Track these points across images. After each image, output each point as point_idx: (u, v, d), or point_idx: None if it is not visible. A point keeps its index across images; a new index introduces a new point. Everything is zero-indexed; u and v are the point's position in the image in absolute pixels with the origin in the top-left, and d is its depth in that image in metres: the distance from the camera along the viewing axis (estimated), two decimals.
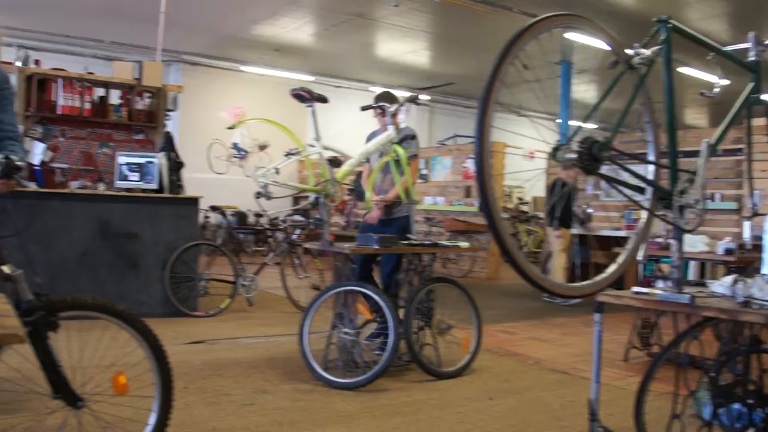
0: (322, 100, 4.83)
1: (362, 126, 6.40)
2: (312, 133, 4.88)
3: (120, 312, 2.84)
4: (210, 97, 15.10)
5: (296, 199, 13.79)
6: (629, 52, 2.45)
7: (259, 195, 4.52)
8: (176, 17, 9.45)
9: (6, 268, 2.67)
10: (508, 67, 2.02)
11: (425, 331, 5.10)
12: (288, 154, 4.69)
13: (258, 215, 13.58)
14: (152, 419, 2.93)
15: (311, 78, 16.71)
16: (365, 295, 4.91)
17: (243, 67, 16.57)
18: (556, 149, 2.18)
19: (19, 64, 7.17)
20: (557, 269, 9.09)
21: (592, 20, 2.34)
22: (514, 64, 2.05)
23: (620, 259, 2.58)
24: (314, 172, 4.86)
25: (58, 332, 2.70)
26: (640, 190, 2.61)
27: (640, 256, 2.68)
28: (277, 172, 4.50)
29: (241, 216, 13.09)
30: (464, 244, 5.56)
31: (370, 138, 5.52)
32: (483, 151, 1.97)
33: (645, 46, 2.46)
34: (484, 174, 1.97)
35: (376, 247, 4.78)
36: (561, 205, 5.95)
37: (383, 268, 5.45)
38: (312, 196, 4.87)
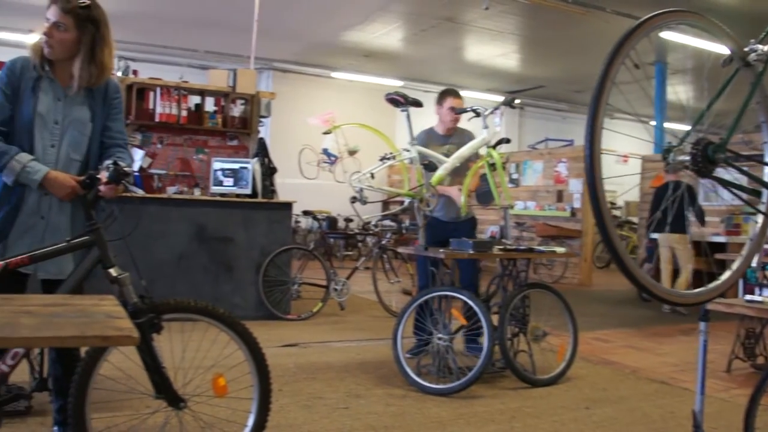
0: (417, 104, 4.80)
1: None
2: (405, 138, 4.86)
3: (220, 315, 2.88)
4: (300, 104, 15.30)
5: (385, 204, 13.83)
6: (745, 49, 2.33)
7: (354, 200, 4.53)
8: (268, 26, 9.61)
9: (113, 271, 2.75)
10: (619, 66, 1.93)
11: (520, 338, 5.00)
12: (383, 159, 4.68)
13: (348, 220, 13.69)
14: (250, 421, 2.96)
15: (400, 83, 16.74)
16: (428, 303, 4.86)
17: (333, 74, 16.74)
18: (667, 151, 2.08)
19: (120, 74, 7.42)
20: (681, 279, 8.68)
21: (706, 16, 2.23)
22: (625, 63, 1.97)
23: (735, 266, 2.45)
24: (407, 176, 4.85)
25: (161, 333, 2.76)
26: (757, 194, 2.47)
27: (754, 262, 2.54)
28: (372, 176, 4.50)
29: (331, 221, 13.22)
30: (560, 250, 5.45)
31: (421, 138, 5.34)
32: (594, 153, 1.89)
33: (761, 42, 2.34)
34: (595, 177, 1.89)
35: (471, 252, 4.72)
36: (673, 208, 5.71)
37: (464, 273, 5.36)
38: (406, 201, 4.85)
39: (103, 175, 2.74)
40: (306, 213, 8.72)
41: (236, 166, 7.14)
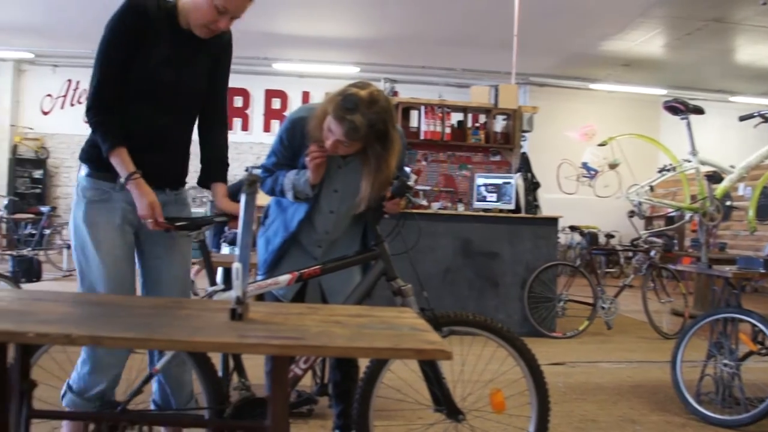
0: (698, 111, 4.50)
1: (723, 139, 5.86)
2: (687, 148, 4.56)
3: (499, 329, 2.86)
4: (557, 117, 15.06)
5: (648, 220, 13.18)
6: None
7: (632, 214, 4.34)
8: (525, 40, 9.57)
9: (397, 283, 2.84)
10: None
11: None
12: (662, 171, 4.43)
13: (609, 236, 13.22)
14: None
15: (663, 91, 15.89)
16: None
17: (591, 85, 16.29)
18: None
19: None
20: None
21: None
22: None
23: None
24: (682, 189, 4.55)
25: None
26: None
27: None
28: (652, 189, 4.28)
29: (592, 236, 12.82)
30: None
31: None
32: None
33: None
34: None
35: (762, 270, 4.31)
36: None
37: None
38: (687, 215, 4.56)
39: (388, 191, 2.83)
40: (572, 228, 8.53)
41: (499, 181, 7.15)
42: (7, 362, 1.93)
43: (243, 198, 1.87)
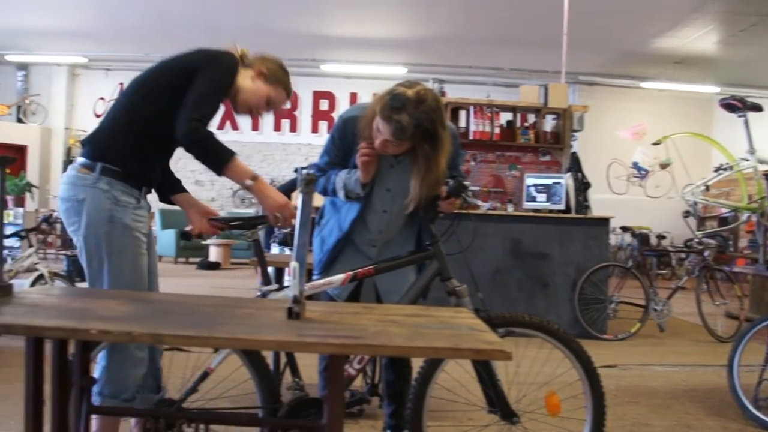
0: (756, 108, 4.40)
1: None
2: (744, 146, 4.46)
3: (555, 331, 2.82)
4: (606, 117, 14.89)
5: (701, 220, 12.92)
6: None
7: (687, 214, 4.25)
8: (574, 38, 9.46)
9: (452, 283, 2.82)
10: None
11: None
12: (718, 170, 4.35)
13: (660, 236, 13.00)
14: None
15: (717, 89, 15.59)
16: None
17: (642, 84, 16.04)
18: None
19: None
20: None
21: None
22: None
23: None
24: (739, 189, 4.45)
25: None
26: None
27: None
28: (708, 189, 4.19)
29: (642, 237, 12.61)
30: None
31: None
32: None
33: None
34: None
35: None
36: None
37: None
38: (744, 215, 4.45)
39: (443, 191, 2.81)
40: (624, 229, 8.40)
41: (549, 181, 7.08)
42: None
43: (300, 197, 1.88)
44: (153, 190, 2.87)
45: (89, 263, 2.60)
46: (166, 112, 2.55)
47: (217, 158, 2.54)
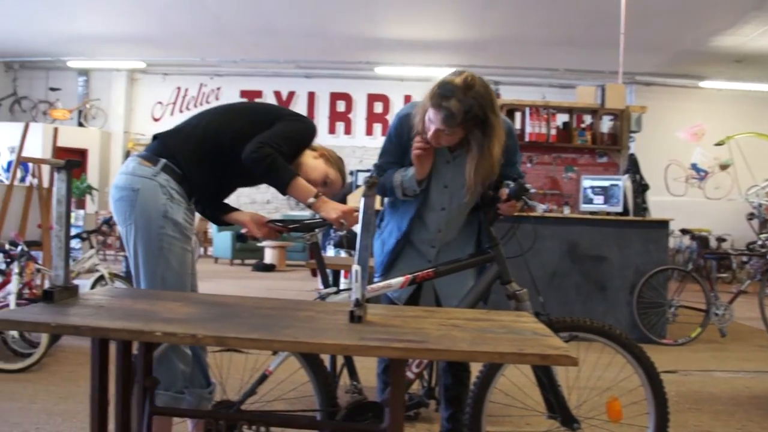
0: None
1: None
2: None
3: (617, 336, 2.77)
4: (664, 117, 14.60)
5: (764, 222, 12.59)
6: None
7: (752, 216, 4.14)
8: (630, 38, 9.31)
9: (512, 287, 2.79)
10: None
11: None
12: None
13: (720, 239, 12.73)
14: None
15: None
16: None
17: (701, 83, 15.69)
18: None
19: None
20: None
21: None
22: None
23: None
24: None
25: None
26: None
27: None
28: None
29: (702, 240, 12.35)
30: None
31: None
32: None
33: None
34: None
35: None
36: None
37: None
38: None
39: (503, 193, 2.78)
40: (684, 231, 8.24)
41: (606, 183, 6.98)
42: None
43: (362, 200, 1.88)
44: (204, 216, 3.04)
45: (135, 253, 2.69)
46: (239, 140, 2.67)
47: (281, 177, 2.66)
